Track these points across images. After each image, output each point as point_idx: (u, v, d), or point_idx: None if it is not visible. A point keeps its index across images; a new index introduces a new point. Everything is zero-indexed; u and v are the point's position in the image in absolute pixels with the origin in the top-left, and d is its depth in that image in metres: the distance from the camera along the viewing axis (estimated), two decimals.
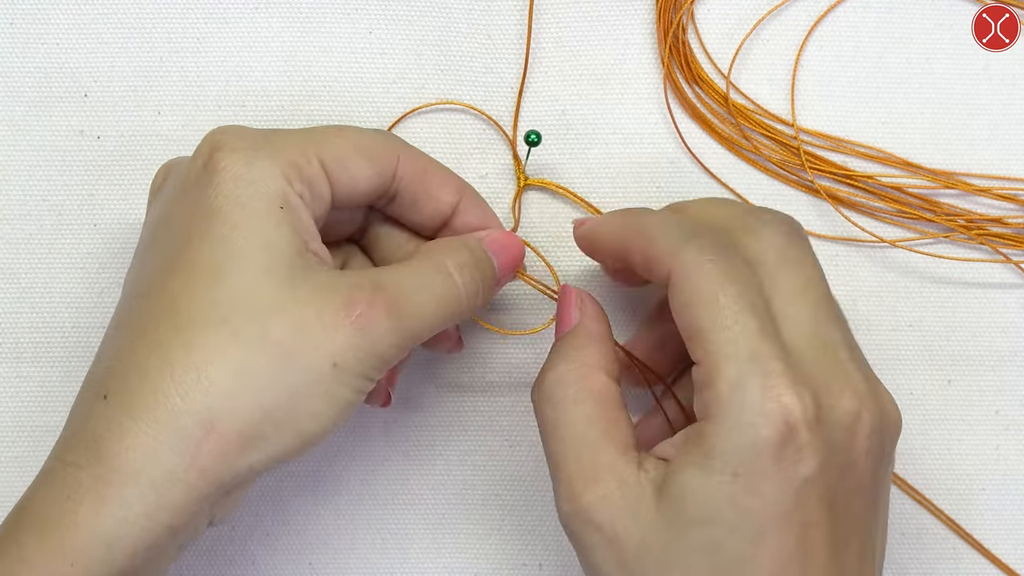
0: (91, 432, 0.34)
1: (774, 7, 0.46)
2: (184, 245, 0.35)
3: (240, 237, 0.35)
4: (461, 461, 0.46)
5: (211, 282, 0.34)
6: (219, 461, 0.33)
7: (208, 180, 0.36)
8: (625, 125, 0.46)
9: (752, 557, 0.34)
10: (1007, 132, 0.46)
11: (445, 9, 0.45)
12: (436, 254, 0.39)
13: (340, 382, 0.35)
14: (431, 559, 0.45)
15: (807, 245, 0.38)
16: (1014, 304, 0.46)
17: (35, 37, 0.45)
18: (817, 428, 0.34)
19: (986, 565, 0.46)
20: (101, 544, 0.32)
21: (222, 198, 0.35)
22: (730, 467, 0.34)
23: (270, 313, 0.34)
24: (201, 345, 0.34)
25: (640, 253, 0.38)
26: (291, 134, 0.38)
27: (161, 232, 0.37)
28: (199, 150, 0.37)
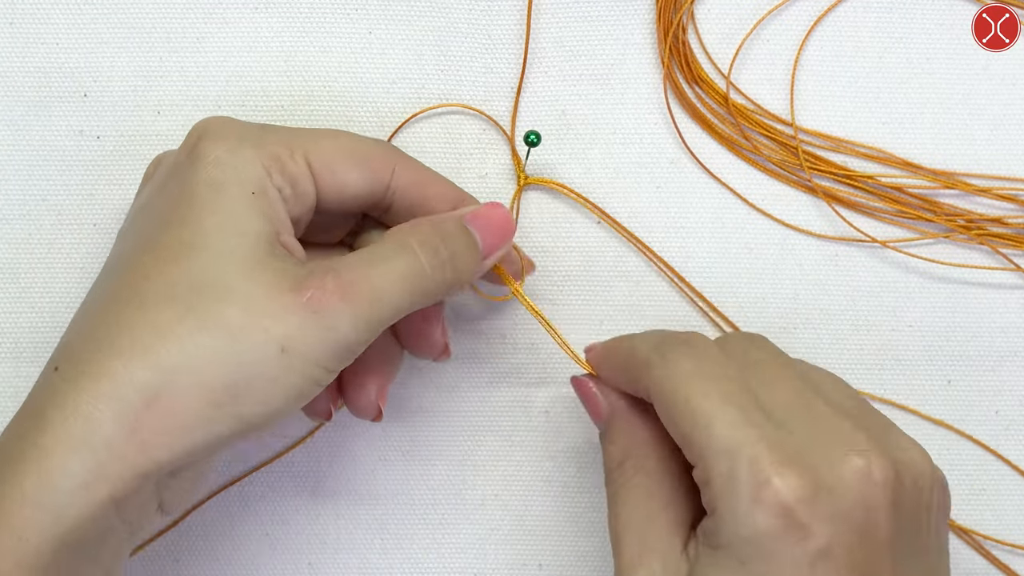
0: (38, 404, 0.34)
1: (774, 7, 0.46)
2: (162, 227, 0.36)
3: (210, 220, 0.35)
4: (461, 461, 0.46)
5: (175, 262, 0.35)
6: (159, 435, 0.33)
7: (190, 165, 0.36)
8: (625, 125, 0.46)
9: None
10: (1007, 132, 0.46)
11: (445, 9, 0.45)
12: (399, 234, 0.38)
13: (289, 368, 0.34)
14: (431, 559, 0.45)
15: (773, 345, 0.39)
16: (1014, 304, 0.46)
17: (35, 37, 0.45)
18: (817, 501, 0.33)
19: (986, 565, 0.45)
20: (47, 515, 0.32)
21: (201, 183, 0.36)
22: (737, 557, 0.34)
23: (223, 294, 0.34)
24: (153, 321, 0.34)
25: (626, 376, 0.39)
26: (281, 130, 0.38)
27: (142, 216, 0.37)
28: (187, 138, 0.37)
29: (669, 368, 0.36)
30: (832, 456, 0.34)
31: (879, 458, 0.34)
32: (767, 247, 0.46)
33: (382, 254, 0.37)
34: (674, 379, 0.36)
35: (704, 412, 0.35)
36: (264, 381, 0.34)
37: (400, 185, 0.39)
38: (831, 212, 0.46)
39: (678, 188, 0.46)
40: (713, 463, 0.34)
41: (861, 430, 0.35)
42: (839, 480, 0.34)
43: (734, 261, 0.46)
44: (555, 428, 0.46)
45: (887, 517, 0.34)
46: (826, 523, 0.33)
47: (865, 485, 0.34)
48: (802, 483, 0.33)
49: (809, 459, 0.34)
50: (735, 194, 0.46)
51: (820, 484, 0.34)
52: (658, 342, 0.38)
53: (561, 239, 0.46)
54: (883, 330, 0.46)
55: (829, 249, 0.46)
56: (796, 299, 0.46)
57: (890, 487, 0.34)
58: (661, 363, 0.37)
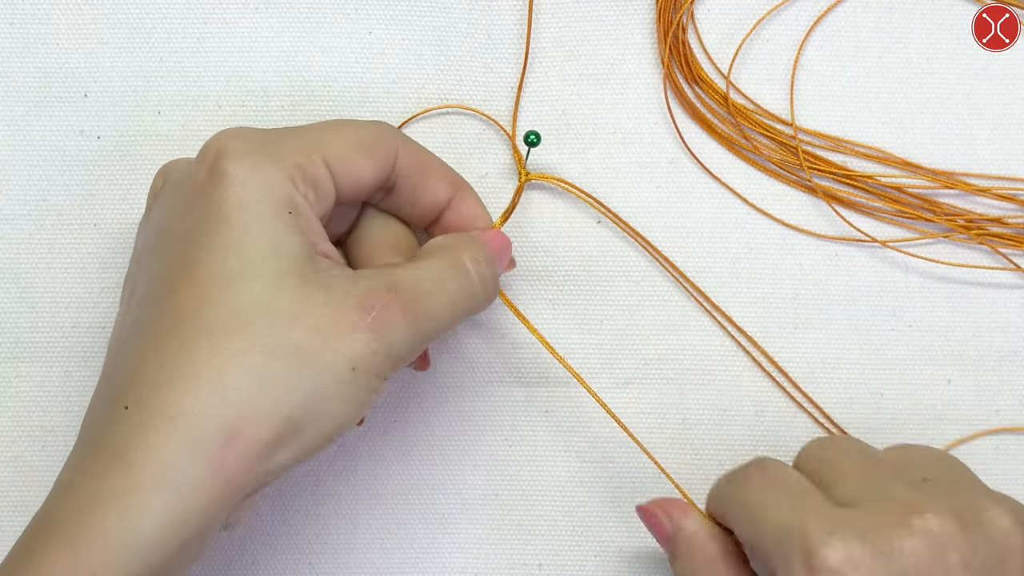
0: (113, 443, 0.33)
1: (774, 7, 0.46)
2: (193, 252, 0.35)
3: (251, 243, 0.35)
4: (461, 461, 0.46)
5: (225, 289, 0.34)
6: (242, 468, 0.33)
7: (214, 186, 0.36)
8: (625, 125, 0.46)
9: None
10: (1007, 132, 0.46)
11: (445, 9, 0.46)
12: (450, 250, 0.39)
13: (358, 384, 0.35)
14: (431, 559, 0.45)
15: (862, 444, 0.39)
16: (1014, 304, 0.46)
17: (35, 37, 0.45)
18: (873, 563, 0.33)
19: None
20: (128, 553, 0.32)
21: (230, 204, 0.35)
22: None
23: (287, 319, 0.34)
24: (220, 352, 0.34)
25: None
26: (293, 135, 0.38)
27: (166, 238, 0.37)
28: (203, 155, 0.37)
29: (736, 482, 0.37)
30: (891, 522, 0.34)
31: (939, 515, 0.34)
32: (767, 247, 0.46)
33: (439, 271, 0.38)
34: (737, 487, 0.37)
35: (758, 507, 0.35)
36: (338, 400, 0.35)
37: (402, 167, 0.40)
38: (831, 212, 0.46)
39: (678, 188, 0.46)
40: (772, 555, 0.34)
41: (926, 495, 0.35)
42: (899, 542, 0.33)
43: (734, 261, 0.46)
44: (555, 428, 0.46)
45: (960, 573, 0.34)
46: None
47: (926, 543, 0.34)
48: (854, 546, 0.33)
49: (866, 527, 0.34)
50: (735, 194, 0.46)
51: (877, 547, 0.33)
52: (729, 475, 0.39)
53: (561, 238, 0.46)
54: (883, 330, 0.46)
55: (829, 249, 0.46)
56: (796, 299, 0.46)
57: (957, 543, 0.34)
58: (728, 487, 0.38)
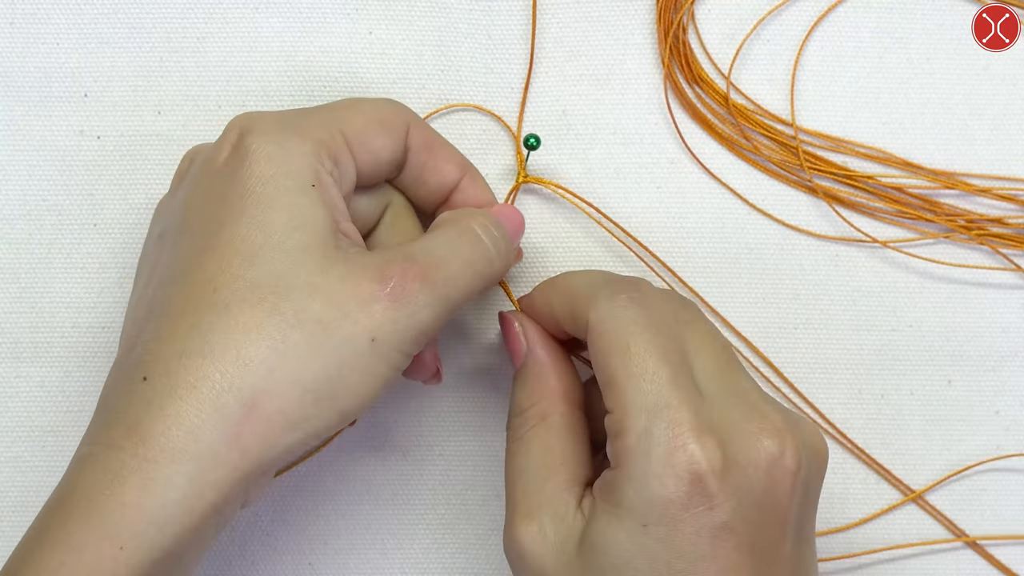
0: (131, 414, 0.33)
1: (774, 7, 0.46)
2: (218, 227, 0.35)
3: (275, 217, 0.35)
4: (461, 461, 0.46)
5: (248, 262, 0.34)
6: (261, 440, 0.33)
7: (239, 162, 0.36)
8: (625, 125, 0.46)
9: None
10: (1007, 132, 0.46)
11: (445, 9, 0.45)
12: (458, 219, 0.39)
13: (379, 356, 0.35)
14: (431, 559, 0.45)
15: (697, 308, 0.39)
16: (1014, 304, 0.46)
17: (35, 37, 0.45)
18: (727, 475, 0.34)
19: (986, 565, 0.46)
20: (150, 525, 0.32)
21: (254, 179, 0.35)
22: (639, 518, 0.34)
23: (307, 291, 0.34)
24: (240, 325, 0.34)
25: (564, 310, 0.39)
26: (314, 113, 0.38)
27: (193, 215, 0.37)
28: (226, 134, 0.37)
29: (615, 309, 0.36)
30: (747, 433, 0.34)
31: (791, 444, 0.35)
32: (767, 247, 0.46)
33: (450, 240, 0.38)
34: (618, 321, 0.36)
35: (639, 361, 0.35)
36: (358, 373, 0.35)
37: (413, 143, 0.40)
38: (831, 212, 0.46)
39: (678, 188, 0.46)
40: (633, 416, 0.34)
41: (778, 411, 0.35)
42: (750, 459, 0.34)
43: (734, 261, 0.46)
44: None
45: (791, 502, 0.35)
46: (732, 498, 0.33)
47: (775, 468, 0.34)
48: (717, 454, 0.34)
49: (725, 432, 0.34)
50: (735, 194, 0.46)
51: (732, 458, 0.34)
52: (606, 281, 0.38)
53: (560, 239, 0.46)
54: (883, 330, 0.46)
55: (829, 249, 0.46)
56: (796, 299, 0.46)
57: (799, 474, 0.35)
58: (608, 303, 0.37)
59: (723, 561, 0.33)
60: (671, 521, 0.33)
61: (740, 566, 0.34)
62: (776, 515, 0.34)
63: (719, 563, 0.33)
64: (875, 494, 0.46)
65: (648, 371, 0.35)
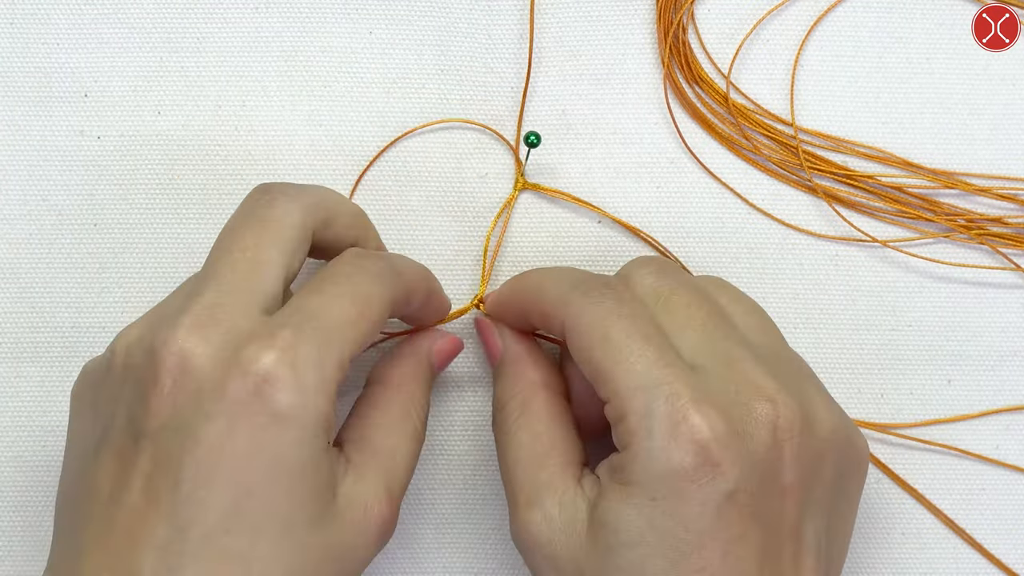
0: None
1: (774, 7, 0.46)
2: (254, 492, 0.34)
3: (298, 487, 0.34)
4: (461, 461, 0.46)
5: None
6: None
7: (267, 420, 0.33)
8: (625, 125, 0.46)
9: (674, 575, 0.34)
10: (1007, 132, 0.46)
11: (445, 9, 0.45)
12: (402, 404, 0.40)
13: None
14: (432, 558, 0.45)
15: (678, 274, 0.39)
16: (1014, 304, 0.46)
17: (35, 37, 0.45)
18: (730, 443, 0.34)
19: (986, 565, 0.45)
20: None
21: (289, 446, 0.34)
22: (648, 493, 0.34)
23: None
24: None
25: (536, 310, 0.39)
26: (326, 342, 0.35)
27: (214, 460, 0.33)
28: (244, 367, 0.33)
29: (590, 305, 0.37)
30: (742, 399, 0.35)
31: (785, 407, 0.35)
32: (767, 247, 0.46)
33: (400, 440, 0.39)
34: (593, 315, 0.36)
35: (623, 348, 0.35)
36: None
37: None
38: (831, 212, 0.46)
39: (678, 188, 0.46)
40: (630, 399, 0.35)
41: (772, 376, 0.36)
42: (749, 427, 0.34)
43: (734, 261, 0.46)
44: None
45: (790, 467, 0.35)
46: (736, 466, 0.34)
47: (770, 432, 0.35)
48: (719, 422, 0.34)
49: (722, 402, 0.35)
50: (735, 194, 0.46)
51: (733, 427, 0.34)
52: (577, 281, 0.38)
53: (561, 239, 0.46)
54: (883, 330, 0.46)
55: (829, 249, 0.46)
56: (796, 299, 0.46)
57: (795, 437, 0.35)
58: (581, 300, 0.37)
59: (728, 531, 0.34)
60: (678, 493, 0.34)
61: (745, 536, 0.34)
62: (778, 484, 0.35)
63: (725, 533, 0.34)
64: (875, 494, 0.46)
65: (634, 354, 0.35)
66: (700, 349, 0.36)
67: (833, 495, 0.36)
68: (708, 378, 0.35)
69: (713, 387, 0.35)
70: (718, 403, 0.34)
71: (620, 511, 0.35)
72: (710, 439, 0.34)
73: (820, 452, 0.36)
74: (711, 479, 0.34)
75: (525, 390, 0.40)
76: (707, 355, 0.36)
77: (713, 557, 0.34)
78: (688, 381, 0.35)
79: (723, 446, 0.34)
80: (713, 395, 0.35)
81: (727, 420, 0.34)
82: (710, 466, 0.34)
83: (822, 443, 0.36)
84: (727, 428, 0.34)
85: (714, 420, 0.34)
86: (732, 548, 0.34)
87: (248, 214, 0.37)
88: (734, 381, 0.35)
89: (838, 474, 0.36)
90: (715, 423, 0.34)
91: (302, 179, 0.45)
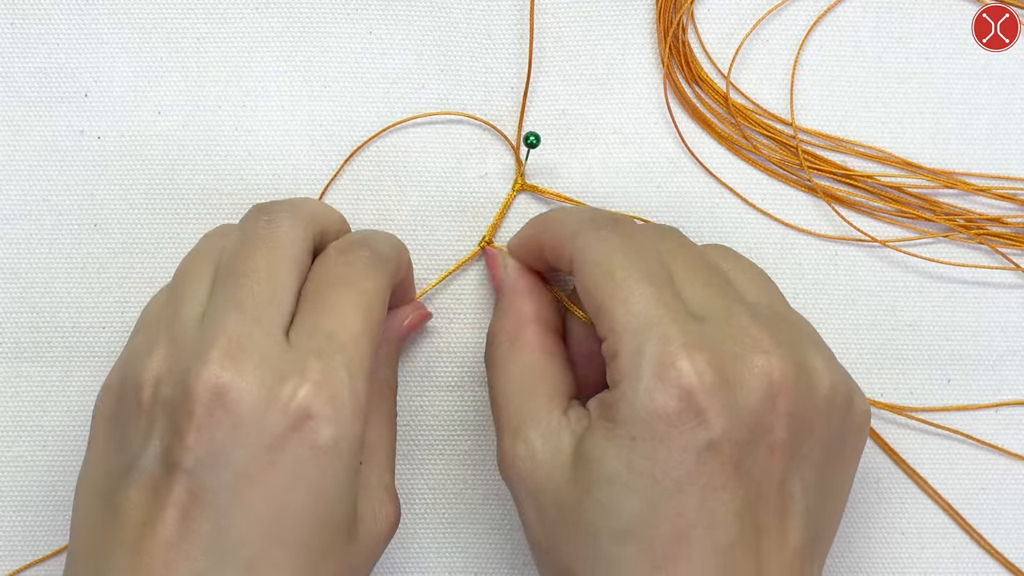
0: None
1: (774, 7, 0.46)
2: (293, 523, 0.34)
3: (335, 514, 0.35)
4: (461, 461, 0.46)
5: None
6: None
7: (308, 453, 0.34)
8: (625, 125, 0.46)
9: (649, 519, 0.34)
10: (1007, 132, 0.46)
11: (445, 9, 0.46)
12: (379, 392, 0.41)
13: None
14: (431, 558, 0.45)
15: (684, 236, 0.39)
16: (1014, 304, 0.46)
17: (36, 37, 0.45)
18: (719, 392, 0.34)
19: (988, 560, 0.45)
20: None
21: (329, 477, 0.35)
22: (629, 432, 0.34)
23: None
24: None
25: (549, 245, 0.39)
26: (352, 369, 0.36)
27: (254, 494, 0.34)
28: (284, 402, 0.34)
29: (599, 239, 0.37)
30: (737, 352, 0.35)
31: (781, 361, 0.35)
32: (767, 247, 0.46)
33: (381, 430, 0.40)
34: (601, 250, 0.37)
35: (625, 286, 0.35)
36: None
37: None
38: (831, 212, 0.46)
39: (678, 188, 0.46)
40: (625, 337, 0.35)
41: (770, 332, 0.35)
42: (741, 379, 0.34)
43: None
44: None
45: (782, 422, 0.34)
46: (722, 416, 0.34)
47: (764, 385, 0.34)
48: (708, 370, 0.34)
49: (716, 352, 0.34)
50: (735, 194, 0.46)
51: (723, 376, 0.34)
52: (592, 217, 0.39)
53: None
54: (883, 330, 0.46)
55: (829, 249, 0.46)
56: (796, 299, 0.46)
57: (789, 392, 0.35)
58: (592, 235, 0.37)
59: (708, 480, 0.33)
60: (659, 436, 0.34)
61: (726, 487, 0.34)
62: (767, 439, 0.34)
63: (705, 481, 0.33)
64: (875, 493, 0.46)
65: (635, 293, 0.35)
66: (701, 302, 0.36)
67: (827, 455, 0.36)
68: (705, 327, 0.35)
69: (708, 335, 0.35)
70: (711, 351, 0.34)
71: (603, 448, 0.35)
72: (696, 386, 0.33)
73: (816, 410, 0.35)
74: (694, 426, 0.33)
75: (517, 323, 0.40)
76: (707, 308, 0.36)
77: (690, 504, 0.33)
78: (683, 326, 0.34)
79: (710, 394, 0.34)
80: (707, 342, 0.34)
81: (718, 369, 0.34)
82: (694, 413, 0.33)
83: (819, 401, 0.36)
84: (716, 376, 0.34)
85: (703, 367, 0.34)
86: (711, 496, 0.34)
87: (254, 236, 0.37)
88: (731, 333, 0.35)
89: (835, 434, 0.36)
90: (703, 370, 0.34)
91: (302, 179, 0.45)
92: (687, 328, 0.35)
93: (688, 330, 0.34)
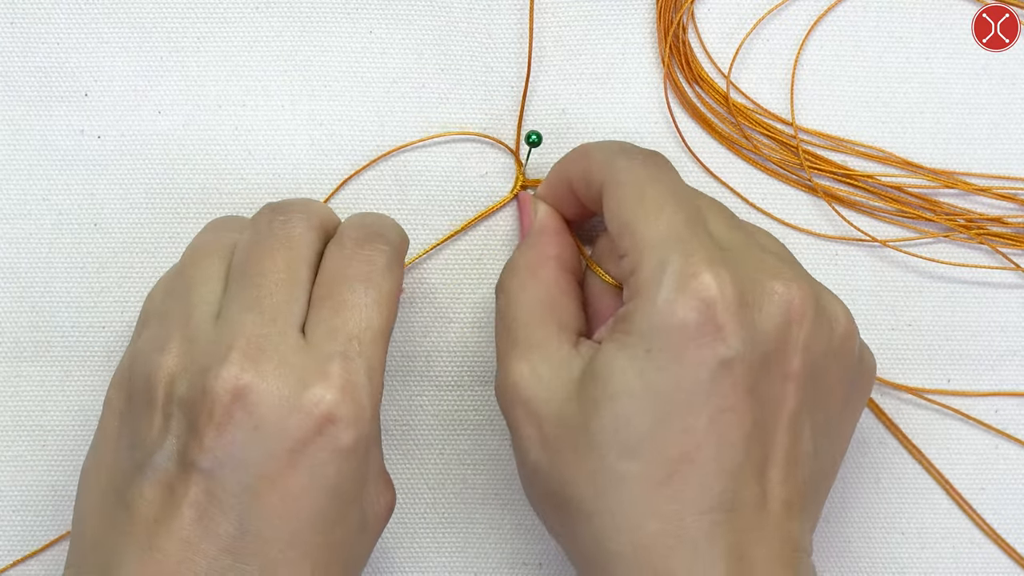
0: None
1: (774, 7, 0.46)
2: (312, 522, 0.35)
3: (351, 510, 0.36)
4: (461, 461, 0.46)
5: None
6: None
7: (329, 456, 0.34)
8: (625, 125, 0.46)
9: (657, 435, 0.33)
10: (1007, 132, 0.46)
11: (445, 9, 0.46)
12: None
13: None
14: (431, 558, 0.45)
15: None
16: (1014, 303, 0.46)
17: (36, 37, 0.45)
18: (739, 311, 0.33)
19: (988, 560, 0.45)
20: None
21: (345, 477, 0.35)
22: (644, 343, 0.34)
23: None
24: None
25: (578, 175, 0.39)
26: (370, 380, 0.36)
27: (275, 495, 0.34)
28: (308, 409, 0.34)
29: (631, 165, 0.37)
30: (759, 278, 0.35)
31: (801, 291, 0.35)
32: None
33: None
34: (636, 174, 0.37)
35: (655, 204, 0.35)
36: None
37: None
38: (831, 211, 0.46)
39: None
40: (647, 252, 0.35)
41: (792, 267, 0.36)
42: (760, 300, 0.34)
43: None
44: None
45: (798, 352, 0.34)
46: (739, 335, 0.33)
47: (783, 311, 0.34)
48: (730, 287, 0.34)
49: (739, 275, 0.34)
50: (735, 193, 0.46)
51: (744, 297, 0.34)
52: (624, 147, 0.39)
53: None
54: (883, 330, 0.46)
55: (829, 249, 0.46)
56: None
57: (807, 323, 0.34)
58: (626, 162, 0.37)
59: (720, 399, 0.33)
60: (675, 348, 0.33)
61: (736, 408, 0.33)
62: (782, 368, 0.34)
63: (716, 400, 0.33)
64: (874, 493, 0.46)
65: (665, 212, 0.35)
66: (727, 237, 0.36)
67: (838, 400, 0.36)
68: (730, 255, 0.35)
69: (732, 259, 0.35)
70: (734, 272, 0.34)
71: (614, 360, 0.34)
72: (717, 299, 0.33)
73: (831, 352, 0.35)
74: (711, 341, 0.33)
75: (538, 258, 0.40)
76: (732, 242, 0.36)
77: (699, 422, 0.33)
78: (708, 245, 0.34)
79: (729, 311, 0.33)
80: (731, 264, 0.34)
81: (739, 287, 0.34)
82: (713, 327, 0.33)
83: (835, 342, 0.35)
84: (737, 294, 0.34)
85: (725, 282, 0.33)
86: (720, 417, 0.33)
87: (270, 236, 0.37)
88: (754, 262, 0.35)
89: (847, 381, 0.36)
90: (726, 285, 0.33)
91: (303, 179, 0.45)
92: (712, 248, 0.35)
93: (713, 250, 0.34)
